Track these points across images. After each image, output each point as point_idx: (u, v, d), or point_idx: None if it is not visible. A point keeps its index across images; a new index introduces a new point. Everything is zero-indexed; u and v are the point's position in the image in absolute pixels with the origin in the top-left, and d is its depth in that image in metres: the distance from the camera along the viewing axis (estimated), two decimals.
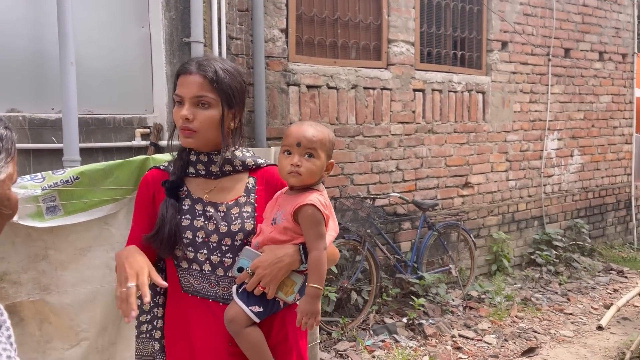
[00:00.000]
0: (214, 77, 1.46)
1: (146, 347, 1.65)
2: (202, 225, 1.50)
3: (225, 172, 1.56)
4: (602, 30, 6.49)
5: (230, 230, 1.50)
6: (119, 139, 3.39)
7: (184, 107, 1.46)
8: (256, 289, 1.43)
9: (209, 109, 1.47)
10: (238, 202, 1.54)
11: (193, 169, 1.56)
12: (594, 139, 6.56)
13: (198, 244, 1.49)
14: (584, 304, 4.84)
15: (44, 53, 3.15)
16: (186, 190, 1.55)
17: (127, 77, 3.49)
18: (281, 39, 4.03)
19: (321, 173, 1.50)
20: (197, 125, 1.46)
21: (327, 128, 1.54)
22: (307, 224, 1.43)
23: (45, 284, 1.81)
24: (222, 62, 1.52)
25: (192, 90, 1.45)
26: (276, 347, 1.51)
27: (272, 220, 1.48)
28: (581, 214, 6.51)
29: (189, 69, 1.48)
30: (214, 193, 1.55)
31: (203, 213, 1.52)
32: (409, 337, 3.97)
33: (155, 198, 1.56)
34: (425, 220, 4.67)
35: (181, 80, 1.48)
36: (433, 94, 4.98)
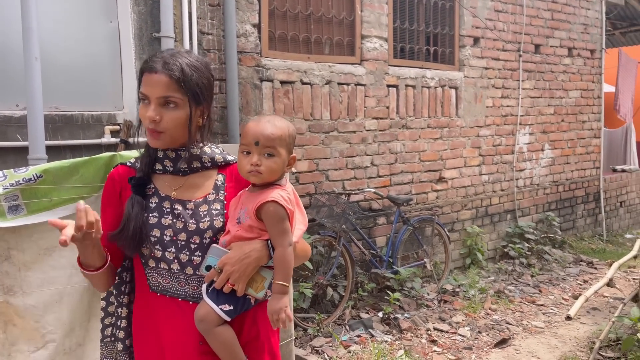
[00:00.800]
0: (180, 77, 1.41)
1: (111, 352, 1.62)
2: (170, 223, 1.47)
3: (193, 168, 1.53)
4: (571, 27, 6.62)
5: (199, 228, 1.47)
6: (88, 136, 3.31)
7: (150, 107, 1.41)
8: (225, 287, 1.41)
9: (176, 109, 1.43)
10: (207, 200, 1.51)
11: (160, 165, 1.52)
12: (563, 133, 6.70)
13: (166, 242, 1.46)
14: (555, 295, 4.94)
15: (7, 48, 3.06)
16: (153, 188, 1.52)
17: (96, 73, 3.41)
18: (254, 34, 3.99)
19: (283, 169, 1.48)
20: (164, 126, 1.42)
21: (286, 122, 1.49)
22: (270, 221, 1.41)
23: (8, 285, 1.75)
24: (188, 57, 1.47)
25: (158, 90, 1.40)
26: (248, 344, 1.50)
27: (236, 219, 1.45)
28: (552, 207, 6.65)
29: (154, 67, 1.41)
30: (182, 190, 1.51)
31: (171, 211, 1.48)
32: (384, 332, 3.99)
33: (122, 195, 1.52)
34: (400, 215, 4.70)
35: (146, 78, 1.42)
36: (407, 89, 5.01)
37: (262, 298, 1.46)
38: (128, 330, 1.58)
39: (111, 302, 1.63)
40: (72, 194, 1.83)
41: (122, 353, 1.58)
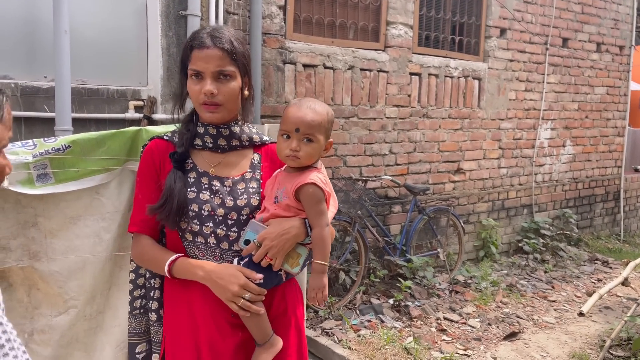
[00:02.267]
0: (232, 49, 1.45)
1: (140, 324, 1.66)
2: (208, 198, 1.50)
3: (232, 146, 1.56)
4: (600, 21, 6.48)
5: (236, 205, 1.51)
6: (112, 110, 3.37)
7: (205, 82, 1.44)
8: (263, 260, 1.45)
9: (230, 81, 1.47)
10: (244, 178, 1.55)
11: (200, 141, 1.55)
12: (586, 130, 6.60)
13: (204, 217, 1.49)
14: (568, 292, 4.92)
15: (38, 20, 3.11)
16: (191, 163, 1.54)
17: (122, 49, 3.45)
18: (279, 16, 3.99)
19: (320, 154, 1.52)
20: (221, 99, 1.46)
21: (326, 107, 1.52)
22: (309, 201, 1.46)
23: (34, 250, 1.81)
24: (229, 31, 1.51)
25: (213, 64, 1.44)
26: (276, 319, 1.54)
27: (274, 199, 1.49)
28: (570, 204, 6.58)
29: (205, 43, 1.44)
30: (219, 167, 1.55)
31: (209, 187, 1.52)
32: (394, 318, 4.02)
33: (161, 168, 1.54)
34: (416, 204, 4.70)
35: (197, 54, 1.45)
36: (429, 78, 4.97)
37: (296, 273, 1.51)
38: (162, 300, 1.61)
39: (141, 274, 1.66)
40: (99, 165, 1.87)
41: (156, 323, 1.62)
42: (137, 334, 1.68)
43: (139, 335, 1.69)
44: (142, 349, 1.69)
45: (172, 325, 1.56)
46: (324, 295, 1.48)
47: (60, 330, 1.88)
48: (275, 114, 3.99)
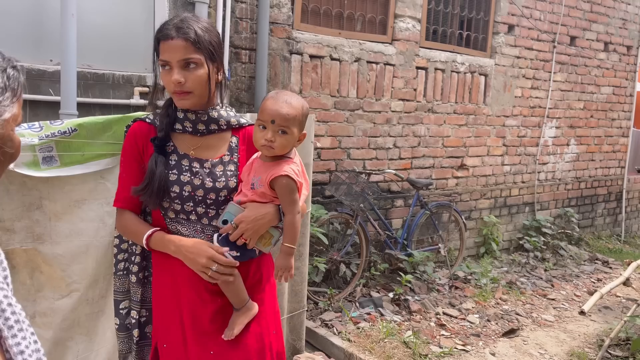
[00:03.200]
0: (195, 38, 1.52)
1: (123, 283, 1.79)
2: (189, 180, 1.60)
3: (210, 130, 1.65)
4: (609, 21, 6.44)
5: (215, 186, 1.61)
6: (117, 95, 3.35)
7: (173, 71, 1.51)
8: (239, 240, 1.58)
9: (197, 69, 1.53)
10: (222, 160, 1.65)
11: (180, 125, 1.63)
12: (591, 129, 6.57)
13: (184, 197, 1.59)
14: (567, 291, 4.92)
15: (45, 3, 3.09)
16: (172, 146, 1.64)
17: (129, 34, 3.43)
18: (287, 6, 3.96)
19: (293, 145, 1.62)
20: (189, 86, 1.53)
21: (301, 101, 1.60)
22: (283, 192, 1.58)
23: (38, 233, 1.81)
24: (197, 21, 1.58)
25: (178, 54, 1.50)
26: (252, 287, 1.69)
27: (250, 185, 1.60)
28: (572, 203, 6.57)
29: (169, 34, 1.51)
30: (199, 150, 1.64)
31: (189, 168, 1.61)
32: (394, 312, 4.03)
33: (143, 151, 1.63)
34: (419, 198, 4.69)
35: (163, 46, 1.52)
36: (436, 73, 4.95)
37: (268, 252, 1.68)
38: (142, 264, 1.76)
39: (124, 240, 1.77)
40: (104, 149, 1.87)
41: (135, 284, 1.76)
42: (121, 292, 1.80)
43: (123, 293, 1.80)
44: (125, 305, 1.81)
45: (158, 290, 1.69)
46: (290, 274, 1.62)
47: (62, 314, 1.88)
48: None
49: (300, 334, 3.05)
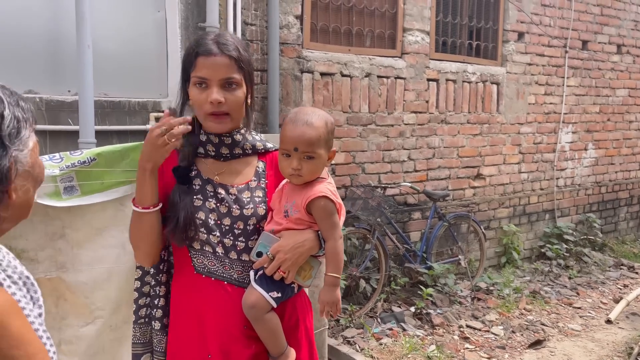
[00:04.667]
0: (239, 56, 1.42)
1: (144, 333, 1.64)
2: (214, 207, 1.47)
3: (235, 154, 1.53)
4: (620, 23, 6.39)
5: (242, 214, 1.48)
6: (134, 122, 3.41)
7: (211, 90, 1.40)
8: (276, 274, 1.43)
9: (236, 90, 1.43)
10: (249, 186, 1.52)
11: (203, 149, 1.52)
12: (609, 133, 6.49)
13: (210, 225, 1.46)
14: (593, 299, 4.83)
15: (61, 35, 3.18)
16: (195, 170, 1.52)
17: (143, 61, 3.51)
18: (296, 26, 4.02)
19: (323, 166, 1.49)
20: (228, 108, 1.43)
21: (323, 117, 1.46)
22: (322, 215, 1.44)
23: (61, 262, 1.84)
24: (234, 38, 1.48)
25: (221, 72, 1.40)
26: (288, 331, 1.52)
27: (283, 213, 1.47)
28: (593, 208, 6.47)
29: (211, 50, 1.40)
30: (223, 175, 1.52)
31: (214, 194, 1.49)
32: (416, 326, 3.99)
33: (164, 173, 1.52)
34: (436, 210, 4.67)
35: (203, 61, 1.41)
36: (447, 83, 4.96)
37: (308, 286, 1.49)
38: (166, 309, 1.59)
39: (146, 281, 1.64)
40: (123, 177, 1.90)
41: (160, 332, 1.59)
42: (142, 344, 1.65)
43: (143, 345, 1.65)
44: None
45: (178, 335, 1.53)
46: (337, 309, 1.45)
47: (87, 341, 1.90)
48: None
49: (323, 352, 3.03)
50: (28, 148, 0.90)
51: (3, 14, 2.99)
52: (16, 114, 0.89)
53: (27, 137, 0.90)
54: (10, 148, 0.86)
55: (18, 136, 0.88)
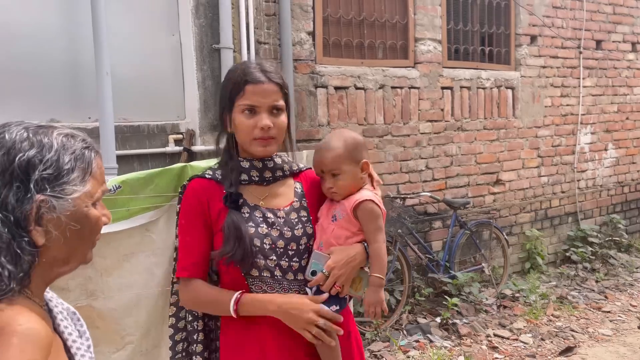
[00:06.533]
0: (283, 83, 1.51)
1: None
2: (267, 232, 1.50)
3: (276, 177, 1.57)
4: (634, 21, 6.32)
5: (294, 235, 1.52)
6: (153, 145, 3.46)
7: (261, 116, 1.46)
8: (333, 289, 1.48)
9: (281, 115, 1.51)
10: (293, 207, 1.56)
11: (246, 175, 1.54)
12: (628, 132, 6.40)
13: (266, 250, 1.48)
14: (623, 302, 4.73)
15: (80, 63, 3.25)
16: (241, 198, 1.53)
17: (160, 85, 3.56)
18: (308, 42, 4.05)
19: (356, 179, 1.57)
20: (275, 133, 1.49)
21: (343, 137, 1.57)
22: (368, 218, 1.52)
23: (91, 289, 1.87)
24: (274, 65, 1.56)
25: (270, 99, 1.47)
26: (342, 343, 1.54)
27: (331, 217, 1.54)
28: (617, 209, 6.36)
29: (259, 78, 1.47)
30: (268, 199, 1.55)
31: (264, 220, 1.51)
32: (443, 337, 3.94)
33: (208, 207, 1.51)
34: (457, 218, 4.63)
35: (252, 89, 1.46)
36: (461, 91, 4.94)
37: (361, 297, 1.54)
38: (205, 342, 1.60)
39: (181, 317, 1.63)
40: (148, 203, 1.93)
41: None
42: None
43: None
44: None
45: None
46: (383, 308, 1.52)
47: None
48: (309, 137, 4.03)
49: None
50: (70, 196, 0.90)
51: (23, 45, 3.06)
52: (62, 161, 0.90)
53: (71, 185, 0.90)
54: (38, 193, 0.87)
55: (56, 182, 0.89)
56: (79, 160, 0.92)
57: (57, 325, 0.97)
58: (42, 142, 0.90)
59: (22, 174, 0.87)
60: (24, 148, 0.88)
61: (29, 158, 0.88)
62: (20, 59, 3.06)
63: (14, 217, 0.86)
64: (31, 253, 0.87)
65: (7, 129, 0.91)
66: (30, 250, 0.87)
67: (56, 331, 0.96)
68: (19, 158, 0.87)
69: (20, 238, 0.86)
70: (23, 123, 0.93)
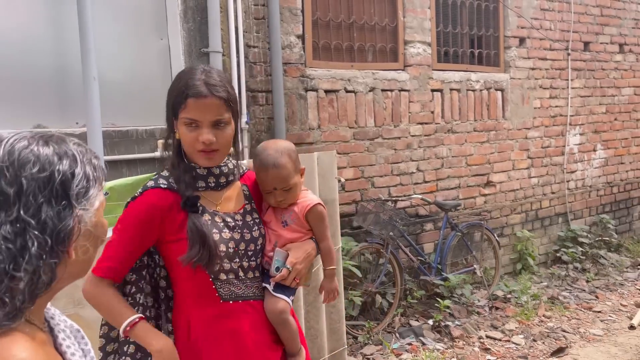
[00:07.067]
0: (228, 97, 1.47)
1: None
2: (230, 236, 1.54)
3: (228, 182, 1.60)
4: (621, 22, 6.38)
5: (252, 236, 1.58)
6: (142, 150, 3.43)
7: (202, 130, 1.45)
8: (293, 282, 1.61)
9: (226, 128, 1.49)
10: (246, 210, 1.62)
11: (203, 182, 1.55)
12: (617, 132, 6.45)
13: (231, 254, 1.54)
14: (613, 301, 4.76)
15: (67, 69, 3.21)
16: (200, 205, 1.53)
17: (148, 89, 3.53)
18: (298, 45, 4.04)
19: (301, 186, 1.68)
20: (218, 146, 1.48)
21: (284, 148, 1.61)
22: (318, 219, 1.67)
23: (78, 298, 1.83)
24: (220, 75, 1.51)
25: (212, 114, 1.44)
26: None
27: (282, 223, 1.64)
28: (606, 209, 6.41)
29: (201, 92, 1.43)
30: (223, 204, 1.58)
31: (225, 224, 1.54)
32: (435, 340, 3.94)
33: (161, 223, 1.49)
34: (448, 220, 4.64)
35: (193, 103, 1.43)
36: (451, 93, 4.95)
37: (309, 286, 1.79)
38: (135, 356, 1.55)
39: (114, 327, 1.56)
40: None
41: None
42: None
43: None
44: None
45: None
46: (337, 294, 1.75)
47: None
48: (300, 141, 4.02)
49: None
50: (94, 207, 0.88)
51: (10, 51, 3.02)
52: (87, 173, 0.87)
53: (94, 197, 0.88)
54: (77, 207, 0.84)
55: (86, 195, 0.86)
56: (97, 170, 0.90)
57: (58, 345, 0.93)
58: (68, 154, 0.87)
59: (62, 190, 0.83)
60: (56, 162, 0.84)
61: (65, 172, 0.84)
62: (5, 64, 3.02)
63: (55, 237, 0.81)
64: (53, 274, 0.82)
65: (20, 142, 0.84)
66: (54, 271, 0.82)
67: (58, 351, 0.93)
68: (57, 173, 0.83)
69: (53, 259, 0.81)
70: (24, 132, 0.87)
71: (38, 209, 0.80)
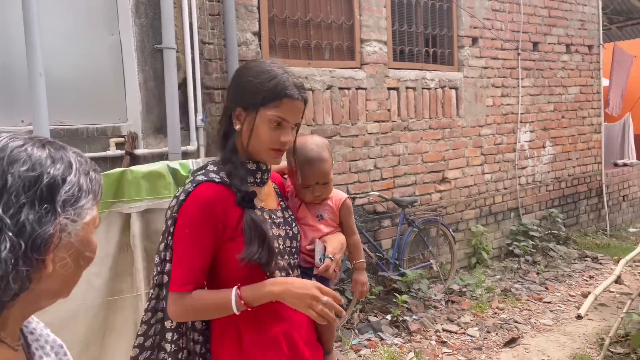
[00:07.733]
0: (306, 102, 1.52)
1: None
2: (278, 233, 1.52)
3: (267, 179, 1.59)
4: (568, 23, 6.64)
5: (294, 233, 1.59)
6: (93, 149, 3.33)
7: (286, 131, 1.45)
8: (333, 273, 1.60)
9: (296, 131, 1.54)
10: (282, 207, 1.61)
11: (252, 178, 1.51)
12: (564, 129, 6.71)
13: (282, 251, 1.51)
14: (562, 292, 4.95)
15: (11, 64, 3.07)
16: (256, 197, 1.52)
17: (99, 86, 3.43)
18: (254, 42, 4.01)
19: None
20: (288, 146, 1.51)
21: (324, 143, 1.65)
22: (349, 213, 1.72)
23: None
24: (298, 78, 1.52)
25: (298, 117, 1.48)
26: None
27: (317, 217, 1.67)
28: (555, 203, 6.66)
29: (294, 95, 1.43)
30: (265, 201, 1.55)
31: (272, 221, 1.51)
32: (393, 334, 4.00)
33: (227, 217, 1.42)
34: (405, 217, 4.71)
35: (289, 104, 1.43)
36: (407, 91, 5.03)
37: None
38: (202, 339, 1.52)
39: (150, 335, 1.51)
40: None
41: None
42: None
43: None
44: None
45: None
46: (367, 288, 1.77)
47: None
48: None
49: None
50: (83, 220, 0.82)
51: None
52: (81, 182, 0.82)
53: (85, 209, 0.83)
54: (61, 215, 0.79)
55: (75, 204, 0.81)
56: (92, 182, 0.85)
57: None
58: (64, 160, 0.82)
59: (47, 194, 0.78)
60: (48, 165, 0.79)
61: (55, 176, 0.79)
62: None
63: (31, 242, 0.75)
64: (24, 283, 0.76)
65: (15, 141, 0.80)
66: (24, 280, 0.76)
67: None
68: (46, 176, 0.78)
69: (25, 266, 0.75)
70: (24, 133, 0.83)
71: (19, 209, 0.75)
